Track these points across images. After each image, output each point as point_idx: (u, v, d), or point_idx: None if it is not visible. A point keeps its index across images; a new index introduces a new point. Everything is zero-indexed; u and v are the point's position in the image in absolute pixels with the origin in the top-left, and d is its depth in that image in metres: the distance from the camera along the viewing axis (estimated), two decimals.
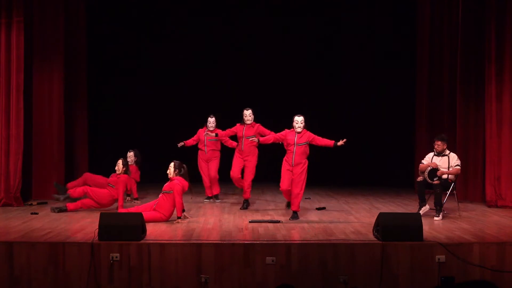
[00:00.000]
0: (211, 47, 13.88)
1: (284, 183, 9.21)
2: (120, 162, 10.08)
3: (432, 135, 10.69)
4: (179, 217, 8.87)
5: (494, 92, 10.71)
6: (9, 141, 10.55)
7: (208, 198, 11.12)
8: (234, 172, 10.38)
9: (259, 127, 10.32)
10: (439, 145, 9.50)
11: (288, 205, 9.16)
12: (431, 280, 7.30)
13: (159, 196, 9.04)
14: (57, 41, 11.18)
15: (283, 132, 9.30)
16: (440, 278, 7.15)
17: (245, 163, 10.37)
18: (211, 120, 10.90)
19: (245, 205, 10.30)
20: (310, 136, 9.20)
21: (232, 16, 13.75)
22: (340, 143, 9.04)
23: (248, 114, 10.30)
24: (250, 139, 9.85)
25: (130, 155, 11.15)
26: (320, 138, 9.23)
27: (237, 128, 10.37)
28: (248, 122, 10.29)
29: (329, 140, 9.16)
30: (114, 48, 13.63)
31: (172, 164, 9.15)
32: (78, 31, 12.13)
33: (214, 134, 10.53)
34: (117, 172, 10.02)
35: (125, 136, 12.96)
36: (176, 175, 9.09)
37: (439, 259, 7.36)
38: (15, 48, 10.54)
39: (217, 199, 11.14)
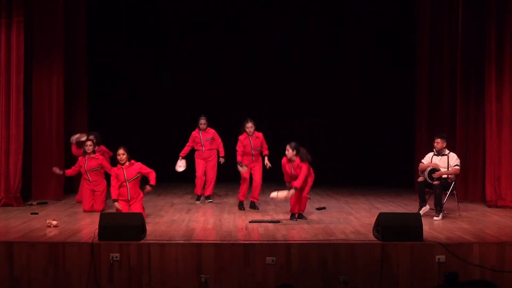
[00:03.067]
0: (211, 48, 13.86)
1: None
2: (89, 143, 10.05)
3: (432, 135, 10.67)
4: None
5: (494, 92, 10.71)
6: (9, 141, 10.55)
7: (199, 198, 10.94)
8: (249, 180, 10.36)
9: (262, 137, 10.27)
10: (438, 142, 9.48)
11: (293, 216, 9.15)
12: (431, 280, 7.30)
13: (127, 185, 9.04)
14: (57, 41, 11.18)
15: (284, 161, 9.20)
16: (444, 273, 7.11)
17: (252, 169, 10.27)
18: (202, 121, 10.83)
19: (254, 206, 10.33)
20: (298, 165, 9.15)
21: (232, 18, 13.73)
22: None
23: (249, 126, 10.14)
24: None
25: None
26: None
27: (245, 142, 10.17)
28: (251, 134, 10.20)
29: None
30: (114, 48, 13.62)
31: (121, 151, 9.13)
32: (78, 31, 12.14)
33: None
34: (89, 153, 9.98)
35: (125, 136, 12.93)
36: (128, 159, 9.14)
37: (439, 259, 7.36)
38: (15, 48, 10.54)
39: (209, 199, 10.96)
